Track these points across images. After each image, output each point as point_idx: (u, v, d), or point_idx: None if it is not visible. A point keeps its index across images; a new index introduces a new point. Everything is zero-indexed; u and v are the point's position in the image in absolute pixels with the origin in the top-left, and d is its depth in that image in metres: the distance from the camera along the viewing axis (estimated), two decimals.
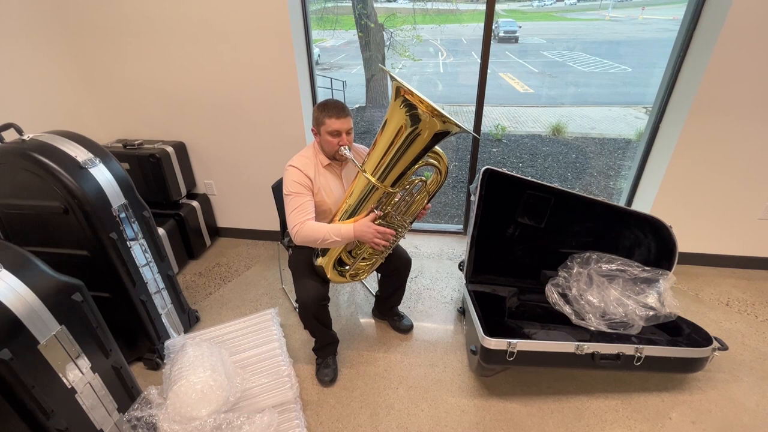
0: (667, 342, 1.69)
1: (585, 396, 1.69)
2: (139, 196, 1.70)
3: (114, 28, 2.27)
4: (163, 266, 1.84)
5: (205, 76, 2.34)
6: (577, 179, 4.52)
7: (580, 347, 1.54)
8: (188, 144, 2.58)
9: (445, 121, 1.28)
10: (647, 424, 1.57)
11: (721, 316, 2.11)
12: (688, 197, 2.30)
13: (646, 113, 6.66)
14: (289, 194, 1.55)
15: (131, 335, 1.76)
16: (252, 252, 2.75)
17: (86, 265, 1.57)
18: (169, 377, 1.45)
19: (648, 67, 9.51)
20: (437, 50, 11.85)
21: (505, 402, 1.66)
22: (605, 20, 16.29)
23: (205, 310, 2.20)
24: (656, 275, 1.83)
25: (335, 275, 1.65)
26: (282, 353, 1.73)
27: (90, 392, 1.26)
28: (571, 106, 7.32)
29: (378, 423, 1.59)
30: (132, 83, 2.42)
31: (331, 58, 11.27)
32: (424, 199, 1.56)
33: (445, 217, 3.65)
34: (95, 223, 1.49)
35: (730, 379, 1.75)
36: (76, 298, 1.21)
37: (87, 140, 1.56)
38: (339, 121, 1.50)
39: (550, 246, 2.03)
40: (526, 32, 13.72)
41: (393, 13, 7.44)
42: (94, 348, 1.28)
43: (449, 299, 2.28)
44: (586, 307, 1.82)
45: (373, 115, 6.59)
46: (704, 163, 2.20)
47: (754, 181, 2.21)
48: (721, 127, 2.09)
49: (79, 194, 1.44)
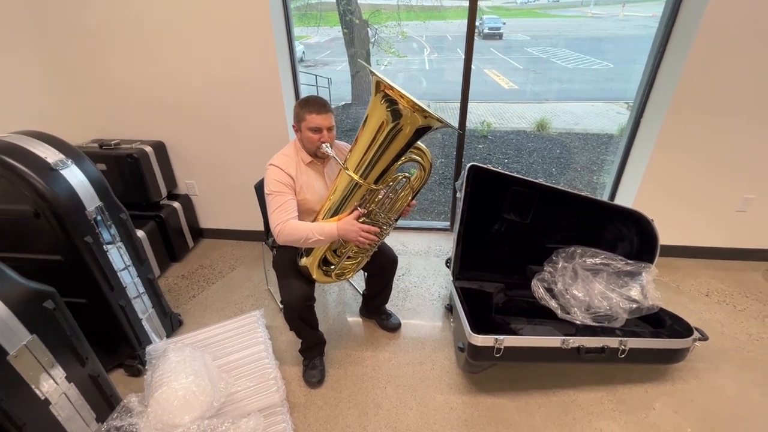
0: (650, 334, 1.72)
1: (571, 389, 1.70)
2: (115, 198, 1.64)
3: (88, 24, 2.19)
4: (143, 270, 1.79)
5: (185, 74, 2.27)
6: (562, 174, 4.57)
7: (565, 342, 1.55)
8: (168, 143, 2.51)
9: (426, 115, 1.27)
10: (632, 415, 1.59)
11: (701, 307, 2.16)
12: (668, 191, 2.35)
13: (627, 109, 6.77)
14: (270, 193, 1.52)
15: (111, 341, 1.71)
16: (236, 253, 2.70)
17: (60, 271, 1.51)
18: (151, 384, 1.41)
19: (629, 63, 9.68)
20: (422, 47, 11.86)
21: (493, 398, 1.67)
22: (587, 17, 16.54)
23: (188, 314, 2.15)
24: (639, 268, 1.86)
25: (320, 275, 1.63)
26: (268, 355, 1.71)
27: (66, 403, 1.21)
28: (555, 102, 7.40)
29: (366, 423, 1.58)
30: (107, 81, 2.34)
31: (316, 54, 11.17)
32: (408, 195, 1.55)
33: (432, 214, 3.65)
34: (68, 227, 1.43)
35: (711, 368, 1.79)
36: (48, 306, 1.16)
37: (58, 140, 1.50)
38: (320, 117, 1.47)
39: (536, 241, 2.04)
40: (510, 29, 13.82)
41: (377, 10, 7.39)
42: (68, 357, 1.23)
43: (437, 296, 2.28)
44: (571, 301, 1.84)
45: (359, 113, 6.55)
46: (684, 157, 2.24)
47: (731, 175, 2.26)
48: (700, 122, 2.13)
49: (50, 197, 1.38)
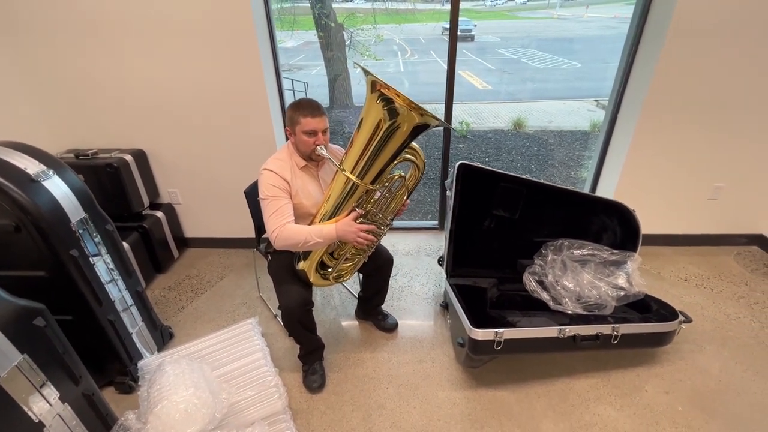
0: (639, 319, 1.79)
1: (568, 378, 1.75)
2: (100, 209, 1.58)
3: (58, 25, 2.09)
4: (131, 282, 1.72)
5: (164, 79, 2.21)
6: (541, 171, 4.70)
7: (562, 331, 1.59)
8: (148, 151, 2.43)
9: (423, 113, 1.28)
10: (626, 398, 1.65)
11: (681, 291, 2.27)
12: (646, 183, 2.45)
13: (597, 106, 7.05)
14: (265, 198, 1.50)
15: (99, 358, 1.63)
16: (224, 261, 2.64)
17: (44, 287, 1.43)
18: (148, 399, 1.36)
19: (596, 62, 10.08)
20: (397, 50, 11.95)
21: (494, 391, 1.70)
22: (553, 18, 17.09)
23: (178, 326, 2.08)
24: (624, 257, 1.93)
25: (318, 278, 1.62)
26: (266, 363, 1.68)
27: (60, 424, 1.16)
28: (529, 101, 7.60)
29: (371, 424, 1.57)
30: (81, 88, 2.24)
31: (290, 59, 11.06)
32: (403, 195, 1.56)
33: (420, 214, 3.68)
34: (52, 241, 1.37)
35: (695, 349, 1.88)
36: (39, 323, 1.11)
37: (38, 151, 1.44)
38: (315, 120, 1.47)
39: (525, 236, 2.09)
40: (481, 30, 14.12)
41: (352, 13, 7.41)
42: (61, 376, 1.18)
43: (430, 295, 2.30)
44: (562, 292, 1.89)
45: (338, 116, 6.53)
46: (659, 150, 2.35)
47: (703, 166, 2.39)
48: (672, 117, 2.24)
49: (32, 209, 1.31)
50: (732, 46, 2.05)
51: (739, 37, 2.03)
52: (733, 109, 2.21)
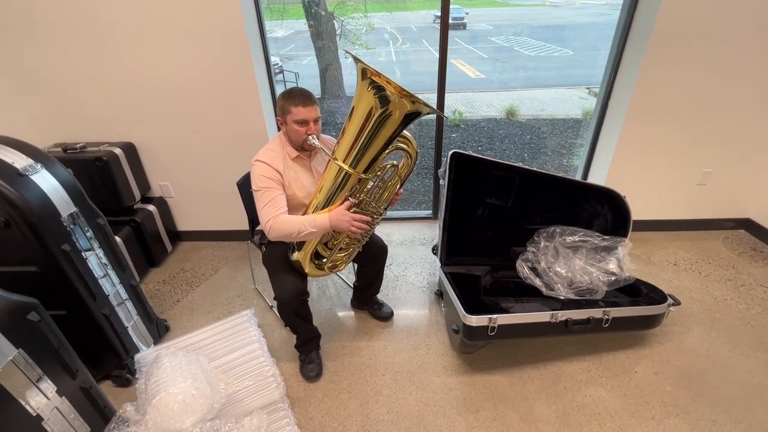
0: (629, 303, 1.83)
1: (560, 361, 1.79)
2: (91, 203, 1.56)
3: (43, 18, 2.04)
4: (125, 276, 1.72)
5: (152, 70, 2.17)
6: (534, 159, 4.72)
7: (554, 316, 1.62)
8: (138, 144, 2.40)
9: (414, 101, 1.28)
10: (617, 379, 1.70)
11: (671, 275, 2.31)
12: (636, 170, 2.48)
13: (589, 94, 7.05)
14: (258, 189, 1.49)
15: (95, 353, 1.64)
16: (218, 254, 2.63)
17: (37, 283, 1.42)
18: (146, 391, 1.36)
19: (588, 50, 10.05)
20: (389, 39, 11.81)
21: (488, 375, 1.73)
22: (545, 5, 16.97)
23: (174, 319, 2.08)
24: (615, 243, 1.96)
25: (313, 269, 1.62)
26: (263, 353, 1.69)
27: (58, 418, 1.16)
28: (522, 90, 7.58)
29: (368, 411, 1.60)
30: (67, 80, 2.20)
31: (281, 49, 10.89)
32: (396, 184, 1.56)
33: (413, 203, 3.68)
34: (43, 236, 1.35)
35: (683, 330, 1.93)
36: (33, 318, 1.10)
37: (25, 144, 1.41)
38: (306, 109, 1.46)
39: (517, 223, 2.11)
40: (473, 18, 13.98)
41: (342, 1, 7.29)
42: (58, 370, 1.18)
43: (425, 283, 2.32)
44: (554, 278, 1.92)
45: (330, 106, 6.46)
46: (650, 138, 2.37)
47: (692, 152, 2.41)
48: (662, 104, 2.26)
49: (21, 204, 1.30)
50: (720, 34, 2.06)
51: (727, 23, 2.04)
52: (722, 96, 2.23)
